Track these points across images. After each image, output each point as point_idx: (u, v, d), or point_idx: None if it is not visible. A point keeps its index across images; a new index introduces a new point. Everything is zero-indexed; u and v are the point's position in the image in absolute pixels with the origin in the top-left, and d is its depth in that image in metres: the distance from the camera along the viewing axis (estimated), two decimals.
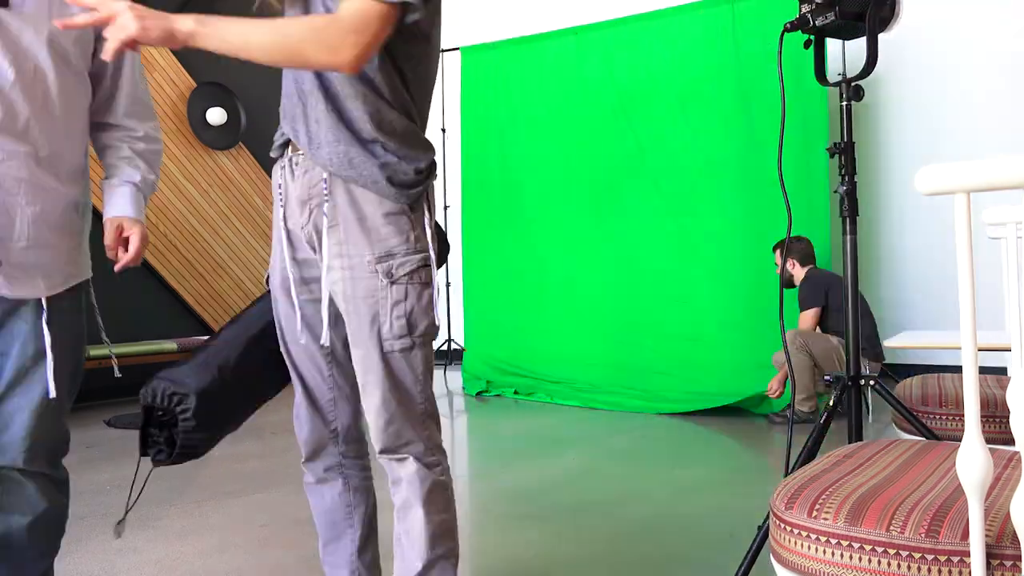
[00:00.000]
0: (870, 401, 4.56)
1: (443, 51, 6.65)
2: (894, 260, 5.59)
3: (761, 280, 5.18)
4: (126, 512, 1.76)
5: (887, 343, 2.67)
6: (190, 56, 6.25)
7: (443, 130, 6.59)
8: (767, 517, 1.94)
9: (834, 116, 5.39)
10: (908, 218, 5.52)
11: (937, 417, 2.06)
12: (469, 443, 4.29)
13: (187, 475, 3.55)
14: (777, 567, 1.12)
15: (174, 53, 6.17)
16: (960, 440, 2.08)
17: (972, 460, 0.92)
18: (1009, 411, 0.87)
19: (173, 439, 1.61)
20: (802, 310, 4.62)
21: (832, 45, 5.24)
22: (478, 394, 5.68)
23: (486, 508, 2.95)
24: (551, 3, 6.83)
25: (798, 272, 4.73)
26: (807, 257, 4.77)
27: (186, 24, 1.36)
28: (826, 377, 4.37)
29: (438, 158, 6.15)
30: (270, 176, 1.58)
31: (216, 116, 6.36)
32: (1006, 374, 2.09)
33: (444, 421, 4.70)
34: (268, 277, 1.71)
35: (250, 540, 2.63)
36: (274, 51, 1.40)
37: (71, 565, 2.44)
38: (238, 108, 6.49)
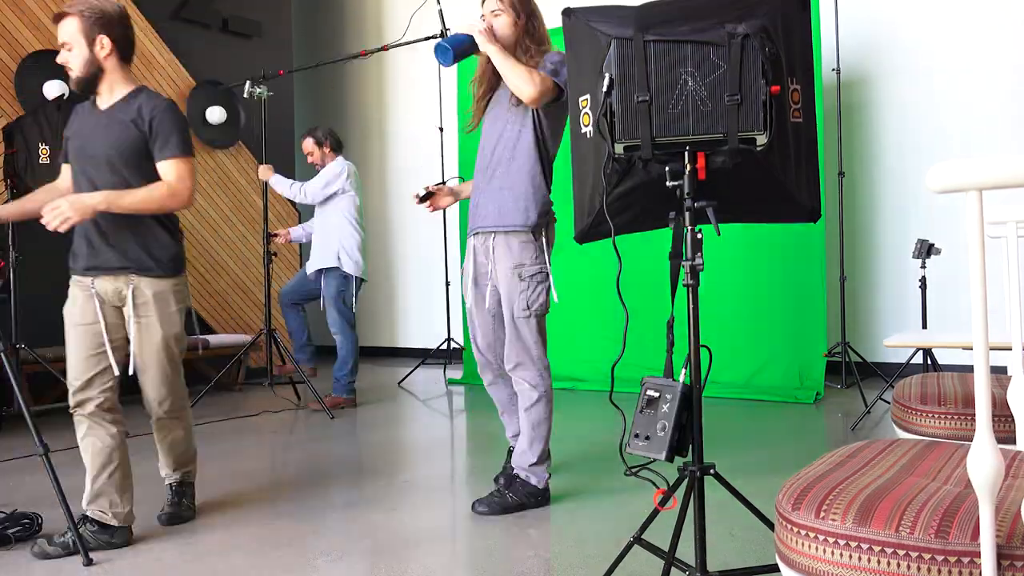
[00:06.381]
0: (868, 400, 4.56)
1: None
2: (891, 259, 5.60)
3: (757, 278, 5.19)
4: None
5: (887, 342, 2.67)
6: (190, 55, 6.24)
7: (440, 129, 6.58)
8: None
9: (828, 114, 5.39)
10: (906, 217, 5.52)
11: (937, 416, 2.06)
12: (469, 442, 4.28)
13: None
14: (783, 568, 1.12)
15: (173, 51, 6.15)
16: (960, 439, 2.08)
17: (983, 460, 0.92)
18: (1009, 410, 0.87)
19: None
20: None
21: (827, 38, 5.27)
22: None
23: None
24: (546, 3, 6.82)
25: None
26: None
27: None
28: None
29: (435, 156, 6.05)
30: None
31: (216, 115, 6.34)
32: (1006, 373, 2.09)
33: (443, 420, 4.70)
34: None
35: (250, 540, 2.62)
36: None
37: (71, 564, 2.43)
38: (237, 107, 6.48)
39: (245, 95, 5.03)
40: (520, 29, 2.88)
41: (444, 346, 6.60)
